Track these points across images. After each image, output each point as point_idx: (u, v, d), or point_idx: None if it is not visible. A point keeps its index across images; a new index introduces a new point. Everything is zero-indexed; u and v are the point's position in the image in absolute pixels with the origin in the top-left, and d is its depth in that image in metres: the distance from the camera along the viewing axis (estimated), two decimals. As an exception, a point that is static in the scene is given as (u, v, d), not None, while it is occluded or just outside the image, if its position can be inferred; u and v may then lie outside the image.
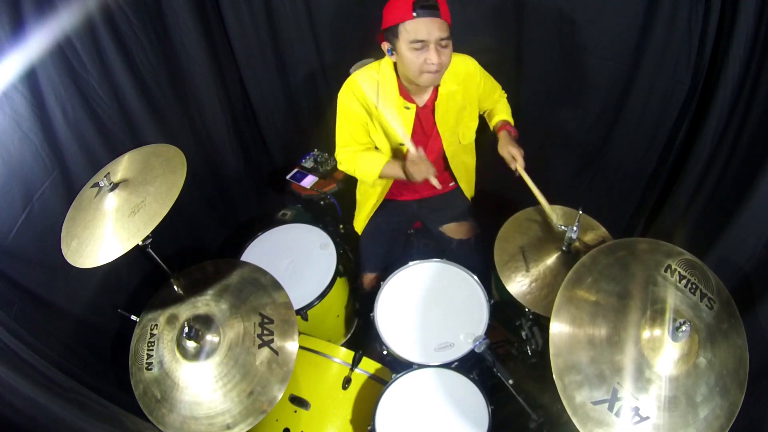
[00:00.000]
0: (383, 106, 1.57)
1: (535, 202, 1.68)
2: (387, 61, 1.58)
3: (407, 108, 1.60)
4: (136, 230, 1.23)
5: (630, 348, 1.09)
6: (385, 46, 1.50)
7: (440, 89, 1.60)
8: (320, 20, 2.13)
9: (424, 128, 1.70)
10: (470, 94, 1.67)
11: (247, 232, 2.02)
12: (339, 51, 2.20)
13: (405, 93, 1.60)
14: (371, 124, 1.66)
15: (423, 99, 1.63)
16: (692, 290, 1.17)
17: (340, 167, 1.79)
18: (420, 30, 1.37)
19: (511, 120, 1.78)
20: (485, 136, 1.84)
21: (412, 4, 1.34)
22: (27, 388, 1.15)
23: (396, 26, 1.40)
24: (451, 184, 1.97)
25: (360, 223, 1.99)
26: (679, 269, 1.18)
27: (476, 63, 1.66)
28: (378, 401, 1.44)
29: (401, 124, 1.59)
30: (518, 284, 1.51)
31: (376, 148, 1.75)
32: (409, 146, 1.56)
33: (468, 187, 1.98)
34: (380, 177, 1.70)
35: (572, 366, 1.09)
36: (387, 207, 1.95)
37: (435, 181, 1.55)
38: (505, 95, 1.83)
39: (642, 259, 1.22)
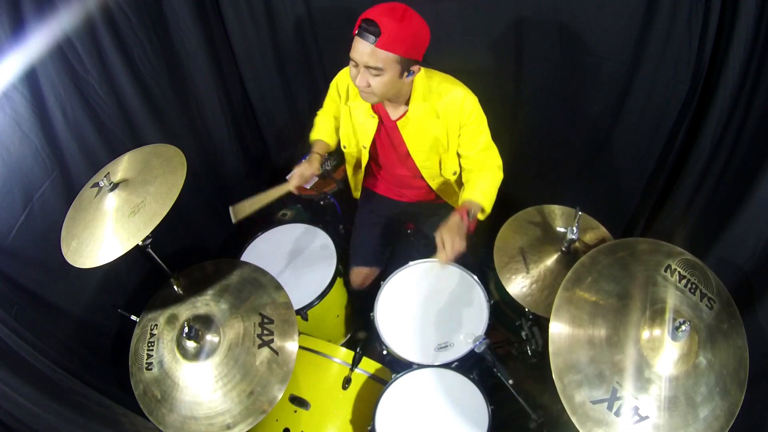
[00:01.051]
0: (353, 105, 1.62)
1: (535, 202, 1.69)
2: None
3: (372, 117, 1.60)
4: (136, 230, 1.23)
5: (630, 348, 1.09)
6: None
7: (409, 109, 1.55)
8: (320, 20, 2.13)
9: (393, 143, 1.68)
10: (451, 128, 1.57)
11: (247, 232, 2.02)
12: (339, 51, 2.20)
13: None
14: (344, 114, 1.69)
15: (396, 113, 1.59)
16: (692, 290, 1.17)
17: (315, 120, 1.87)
18: (354, 48, 1.35)
19: (484, 202, 1.55)
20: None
21: (360, 21, 1.31)
22: (27, 388, 1.15)
23: None
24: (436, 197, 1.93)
25: (356, 192, 2.03)
26: (679, 269, 1.19)
27: (473, 100, 1.53)
28: (378, 401, 1.44)
29: (365, 127, 1.64)
30: (518, 285, 1.51)
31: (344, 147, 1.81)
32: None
33: (455, 203, 1.90)
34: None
35: (572, 366, 1.09)
36: (378, 202, 1.95)
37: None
38: (497, 164, 1.63)
39: (642, 259, 1.22)
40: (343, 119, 1.71)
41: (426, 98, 1.51)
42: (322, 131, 1.83)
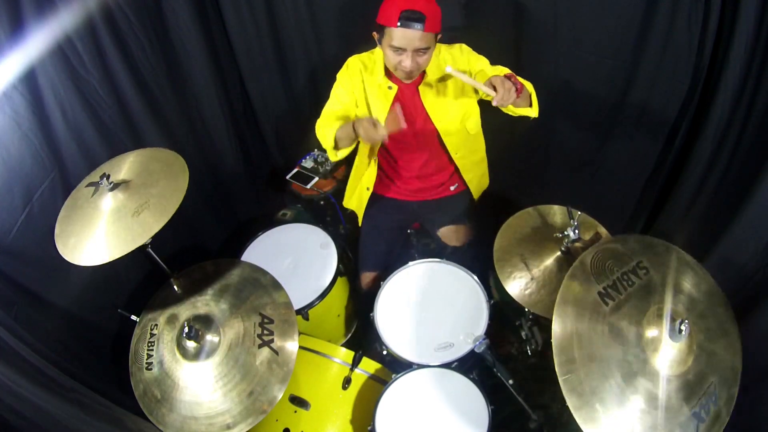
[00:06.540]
0: (368, 84, 1.69)
1: (534, 202, 1.69)
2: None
3: (389, 88, 1.67)
4: (137, 234, 1.23)
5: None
6: (375, 36, 1.58)
7: (426, 72, 1.63)
8: (321, 20, 2.13)
9: (409, 109, 1.70)
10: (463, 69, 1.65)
11: (247, 232, 2.02)
12: (340, 51, 2.20)
13: (391, 74, 1.66)
14: (359, 99, 1.73)
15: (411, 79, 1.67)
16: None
17: (317, 132, 1.76)
18: (400, 39, 1.46)
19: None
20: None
21: (399, 13, 1.42)
22: (28, 388, 1.15)
23: (383, 26, 1.49)
24: (453, 188, 1.95)
25: (350, 201, 2.01)
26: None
27: (467, 47, 1.68)
28: (378, 401, 1.44)
29: (380, 102, 1.68)
30: (519, 286, 1.51)
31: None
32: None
33: (476, 185, 1.96)
34: (337, 142, 1.66)
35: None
36: (386, 205, 1.95)
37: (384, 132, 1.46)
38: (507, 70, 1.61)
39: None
40: (359, 103, 1.74)
41: (435, 60, 1.61)
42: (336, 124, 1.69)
